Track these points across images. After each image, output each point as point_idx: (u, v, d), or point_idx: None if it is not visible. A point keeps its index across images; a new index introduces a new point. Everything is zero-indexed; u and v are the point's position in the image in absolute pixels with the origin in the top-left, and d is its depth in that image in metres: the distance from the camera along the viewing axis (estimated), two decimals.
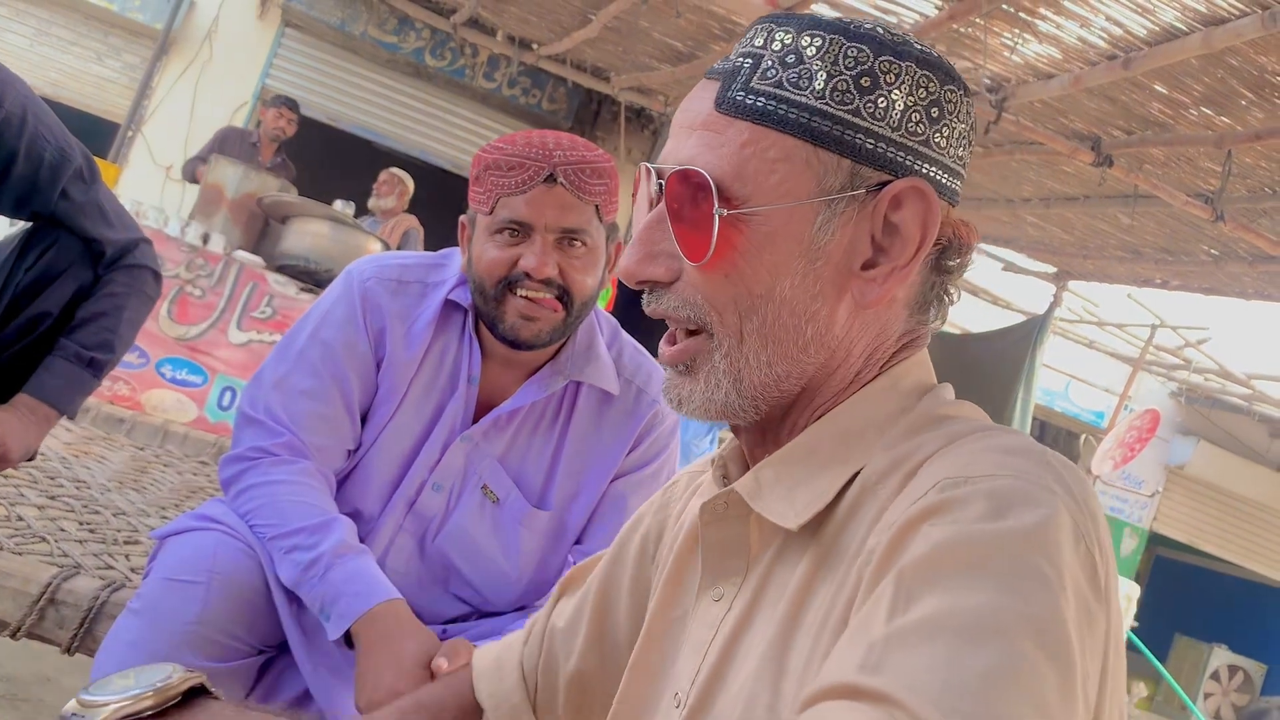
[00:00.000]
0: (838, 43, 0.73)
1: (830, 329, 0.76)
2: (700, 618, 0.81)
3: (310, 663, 1.44)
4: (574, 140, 1.50)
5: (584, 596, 1.03)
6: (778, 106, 0.73)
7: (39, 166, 1.72)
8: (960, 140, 0.77)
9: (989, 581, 0.57)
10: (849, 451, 0.75)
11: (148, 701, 0.62)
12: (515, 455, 1.61)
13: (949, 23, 3.97)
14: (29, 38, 7.69)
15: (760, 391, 0.77)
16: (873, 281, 0.75)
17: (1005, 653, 0.54)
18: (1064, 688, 0.55)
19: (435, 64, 7.93)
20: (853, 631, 0.60)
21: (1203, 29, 3.44)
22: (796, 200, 0.73)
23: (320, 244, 4.59)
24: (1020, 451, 0.66)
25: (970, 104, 0.78)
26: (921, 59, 0.74)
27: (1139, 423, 7.32)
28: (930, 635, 0.55)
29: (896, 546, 0.62)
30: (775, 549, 0.77)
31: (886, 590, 0.59)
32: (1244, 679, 11.19)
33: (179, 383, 4.41)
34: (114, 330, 1.80)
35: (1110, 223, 5.83)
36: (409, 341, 1.57)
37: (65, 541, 1.92)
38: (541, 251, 1.46)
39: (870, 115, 0.73)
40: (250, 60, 7.87)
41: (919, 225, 0.74)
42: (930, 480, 0.65)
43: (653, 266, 0.78)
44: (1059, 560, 0.59)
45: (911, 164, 0.74)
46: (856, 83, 0.72)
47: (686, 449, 5.20)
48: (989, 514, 0.60)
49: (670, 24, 5.42)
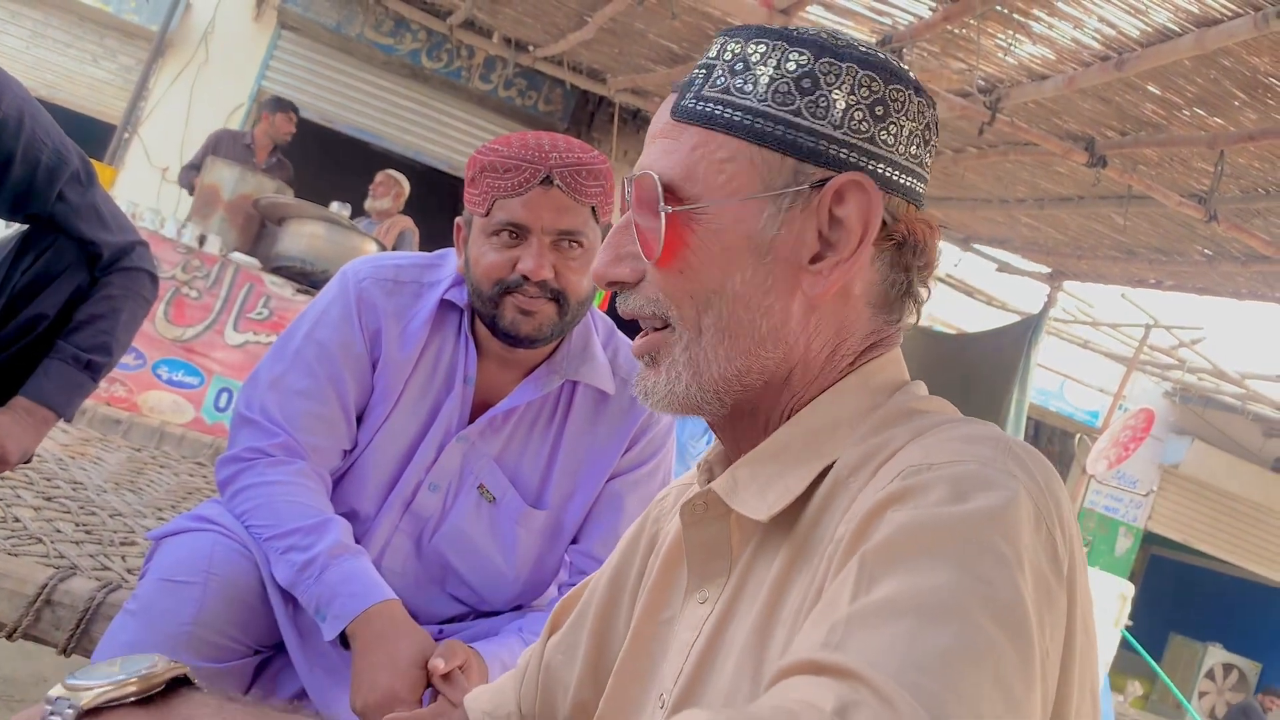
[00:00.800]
0: (780, 48, 0.77)
1: (786, 324, 0.79)
2: (685, 620, 0.83)
3: (306, 663, 1.45)
4: (570, 142, 1.51)
5: (579, 625, 1.03)
6: (724, 111, 0.78)
7: (35, 169, 1.72)
8: (912, 138, 0.80)
9: (949, 562, 0.59)
10: (820, 447, 0.77)
11: (131, 688, 0.64)
12: (511, 455, 1.62)
13: (943, 24, 3.98)
14: (24, 39, 7.68)
15: (721, 385, 0.79)
16: (819, 274, 0.78)
17: (965, 630, 0.55)
18: (1023, 664, 0.56)
19: (431, 65, 7.93)
20: (818, 612, 0.61)
21: (1195, 30, 3.45)
22: (742, 197, 0.77)
23: (316, 245, 4.60)
24: (982, 439, 0.68)
25: (923, 104, 0.80)
26: (863, 60, 0.77)
27: (1133, 422, 7.33)
28: (892, 615, 0.56)
29: (862, 532, 0.64)
30: (754, 546, 0.79)
31: (850, 572, 0.61)
32: (1239, 677, 11.21)
33: (175, 384, 4.41)
34: (111, 333, 1.81)
35: (1104, 223, 5.84)
36: (404, 341, 1.58)
37: (61, 542, 1.92)
38: (538, 254, 1.47)
39: (811, 114, 0.76)
40: (246, 62, 7.87)
41: (859, 217, 0.77)
42: (896, 469, 0.68)
43: (618, 268, 0.83)
44: (1018, 541, 0.61)
45: (856, 160, 0.77)
46: (798, 84, 0.76)
47: (683, 449, 5.20)
48: (949, 498, 0.63)
49: (665, 26, 5.43)
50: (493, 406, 1.59)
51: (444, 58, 7.93)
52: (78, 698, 0.63)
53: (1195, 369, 9.79)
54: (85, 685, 0.64)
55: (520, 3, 6.17)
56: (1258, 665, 11.34)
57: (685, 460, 5.18)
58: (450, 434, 1.59)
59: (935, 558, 0.59)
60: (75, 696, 0.63)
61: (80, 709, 0.62)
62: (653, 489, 1.68)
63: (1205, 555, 11.56)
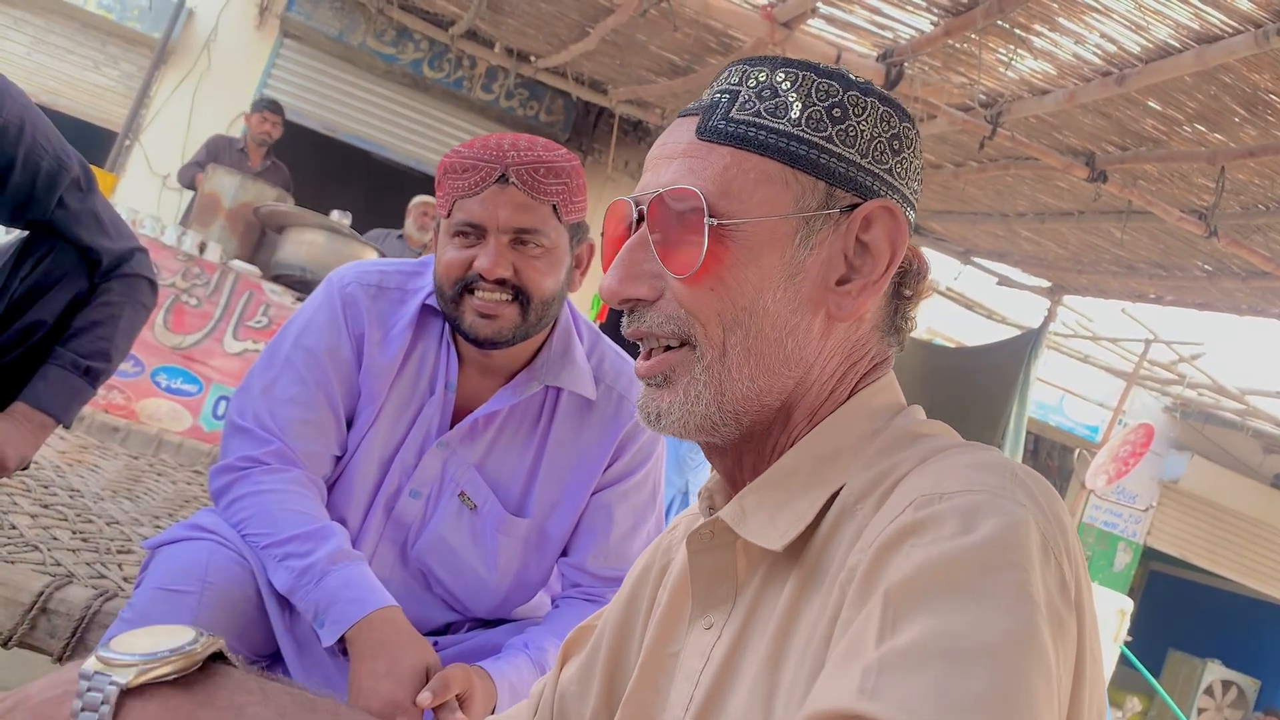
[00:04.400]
0: (809, 78, 0.80)
1: (807, 344, 0.80)
2: (692, 647, 0.82)
3: (303, 672, 1.44)
4: (532, 141, 1.50)
5: (593, 657, 1.02)
6: (757, 132, 0.79)
7: (36, 175, 1.72)
8: (915, 173, 0.84)
9: (970, 601, 0.60)
10: (826, 473, 0.78)
11: (173, 665, 0.60)
12: (493, 462, 1.61)
13: (944, 38, 3.99)
14: (26, 45, 7.69)
15: (742, 406, 0.79)
16: (847, 295, 0.80)
17: (996, 673, 0.56)
18: (1048, 700, 0.57)
19: (433, 75, 7.94)
20: (844, 652, 0.62)
21: (1196, 46, 3.46)
22: (778, 216, 0.78)
23: (316, 254, 4.60)
24: (990, 467, 0.69)
25: (920, 143, 0.85)
26: (882, 97, 0.81)
27: (1133, 437, 7.32)
28: (923, 659, 0.57)
29: (878, 565, 0.65)
30: (762, 574, 0.79)
31: (875, 611, 0.62)
32: (1238, 694, 11.17)
33: (174, 391, 4.40)
34: (110, 339, 1.80)
35: (1104, 238, 5.84)
36: (386, 346, 1.58)
37: (58, 550, 1.92)
38: (495, 252, 1.46)
39: (842, 142, 0.79)
40: (248, 70, 7.88)
41: (888, 242, 0.80)
42: (905, 498, 0.68)
43: (635, 286, 0.81)
44: (1031, 573, 0.61)
45: (878, 189, 0.80)
46: (829, 113, 0.79)
47: (681, 461, 5.19)
48: (962, 530, 0.63)
49: (667, 38, 5.44)
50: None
51: (446, 67, 7.94)
52: (119, 674, 0.58)
53: (1195, 384, 9.78)
54: (122, 661, 0.59)
55: (522, 14, 6.18)
56: (1256, 682, 11.29)
57: (683, 471, 5.16)
58: (430, 439, 1.58)
59: (957, 596, 0.60)
60: (115, 673, 0.58)
61: (124, 686, 0.58)
62: (642, 499, 1.67)
63: (1204, 571, 11.53)
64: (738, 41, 5.09)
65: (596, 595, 1.64)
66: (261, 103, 6.45)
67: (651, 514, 1.69)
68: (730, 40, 5.16)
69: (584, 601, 1.63)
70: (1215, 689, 11.08)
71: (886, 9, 4.13)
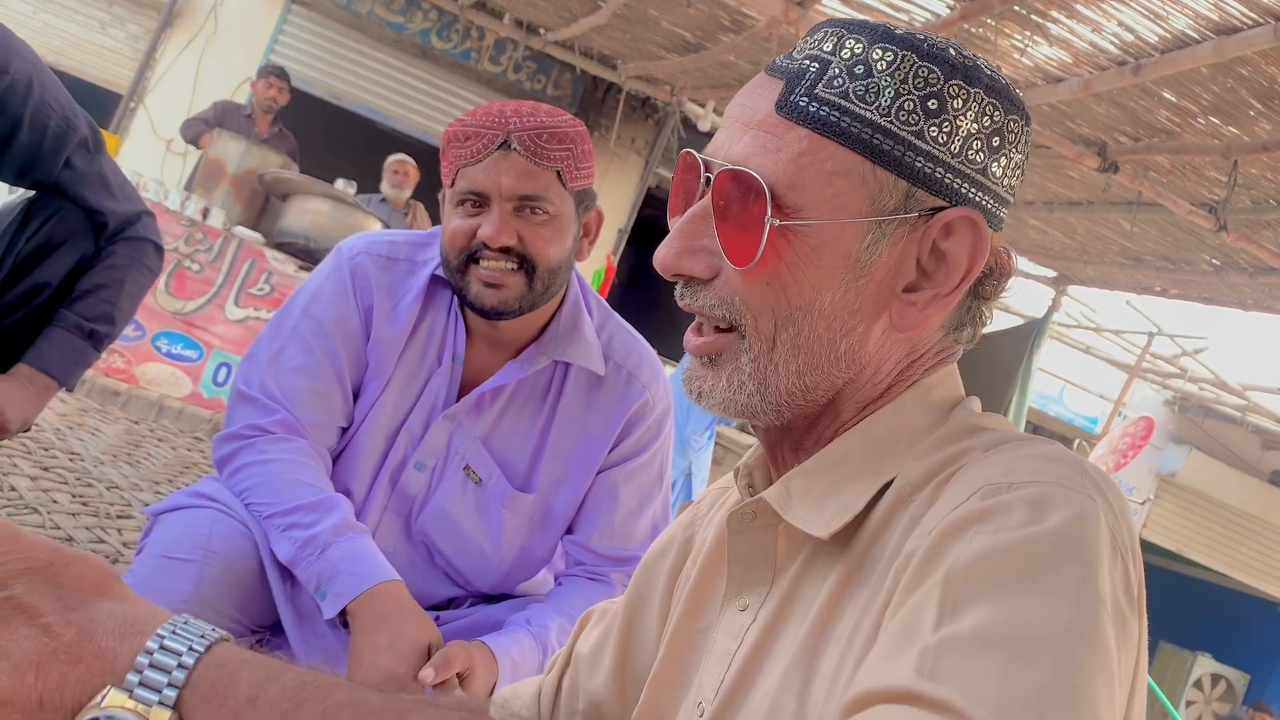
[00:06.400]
0: (909, 60, 0.72)
1: (864, 346, 0.76)
2: (725, 627, 0.81)
3: (303, 644, 1.43)
4: (535, 107, 1.48)
5: (609, 625, 1.02)
6: (841, 118, 0.72)
7: (43, 135, 1.70)
8: (1015, 170, 0.77)
9: (1037, 591, 0.57)
10: (879, 462, 0.75)
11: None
12: (500, 436, 1.60)
13: (960, 22, 3.96)
14: (33, 4, 7.63)
15: (785, 399, 0.76)
16: (913, 305, 0.75)
17: (1059, 665, 0.54)
18: (1110, 699, 0.56)
19: (441, 46, 7.88)
20: (897, 634, 0.60)
21: (1214, 38, 3.43)
22: (849, 217, 0.72)
23: (320, 222, 4.58)
24: (1059, 459, 0.66)
25: (1029, 133, 0.78)
26: (990, 86, 0.74)
27: (1133, 430, 7.33)
28: (985, 646, 0.55)
29: (938, 550, 0.62)
30: (803, 560, 0.77)
31: (933, 594, 0.59)
32: (1226, 688, 11.24)
33: (174, 357, 4.39)
34: (114, 302, 1.79)
35: (1112, 229, 5.82)
36: (395, 317, 1.56)
37: (58, 514, 1.91)
38: (499, 220, 1.44)
39: (933, 139, 0.72)
40: (255, 36, 7.82)
41: (967, 255, 0.74)
42: (970, 486, 0.65)
43: (692, 261, 0.77)
44: (1099, 569, 0.59)
45: (966, 192, 0.74)
46: (924, 104, 0.72)
47: (685, 443, 5.18)
48: (1032, 520, 0.61)
49: (680, 14, 5.40)
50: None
51: (454, 38, 7.88)
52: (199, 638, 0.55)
53: (1197, 378, 9.78)
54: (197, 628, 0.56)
55: None
56: (1246, 676, 11.36)
57: (685, 453, 5.16)
58: (436, 411, 1.57)
59: (1023, 585, 0.58)
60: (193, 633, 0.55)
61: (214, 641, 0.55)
62: (649, 479, 1.66)
63: (1197, 565, 11.57)
64: (751, 20, 5.04)
65: (600, 574, 1.63)
66: (268, 68, 6.40)
67: (658, 494, 1.68)
68: (743, 18, 5.11)
69: (587, 580, 1.62)
70: (1204, 682, 11.14)
71: None
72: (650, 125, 8.49)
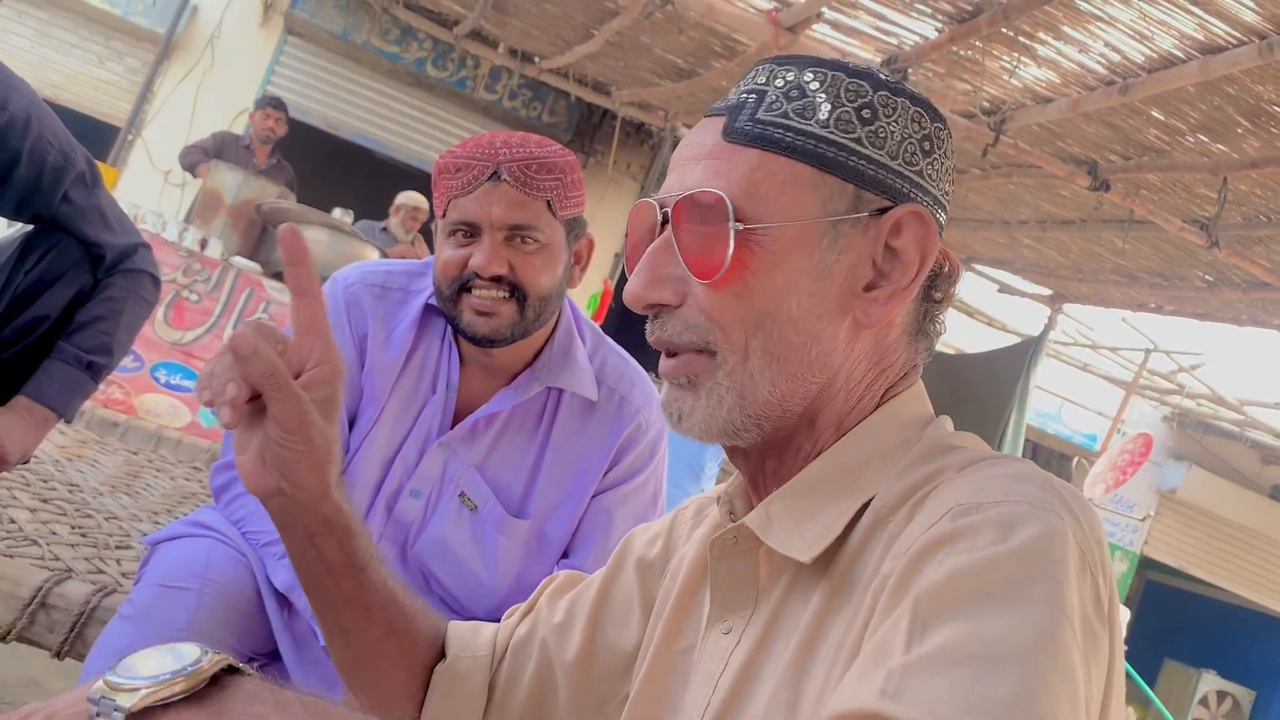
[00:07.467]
0: (839, 79, 0.78)
1: (833, 350, 0.78)
2: (709, 651, 0.82)
3: (301, 670, 1.44)
4: (525, 138, 1.50)
5: (577, 602, 1.02)
6: (784, 134, 0.77)
7: (42, 170, 1.72)
8: (946, 174, 0.82)
9: (1002, 608, 0.59)
10: (855, 483, 0.77)
11: (178, 687, 0.60)
12: (494, 463, 1.60)
13: (948, 45, 4.00)
14: (30, 39, 7.69)
15: (764, 410, 0.78)
16: (875, 302, 0.78)
17: (1021, 680, 0.55)
18: (1073, 709, 0.57)
19: (437, 74, 7.95)
20: (869, 656, 0.61)
21: (1200, 57, 3.47)
22: (805, 219, 0.76)
23: (318, 251, 4.60)
24: (1029, 479, 0.68)
25: (952, 143, 0.83)
26: (913, 97, 0.80)
27: (1131, 446, 7.34)
28: (949, 663, 0.57)
29: (911, 572, 0.64)
30: (785, 582, 0.78)
31: (903, 617, 0.61)
32: (1232, 705, 11.17)
33: (173, 387, 4.40)
34: (112, 334, 1.80)
35: (1106, 247, 5.85)
36: (389, 346, 1.58)
37: (57, 545, 1.91)
38: (490, 249, 1.46)
39: (871, 144, 0.77)
40: (252, 67, 7.88)
41: (918, 249, 0.79)
42: (942, 507, 0.67)
43: (659, 290, 0.80)
44: (1066, 585, 0.61)
45: (908, 191, 0.78)
46: (859, 114, 0.77)
47: (700, 471, 5.14)
48: (999, 540, 0.62)
49: (672, 40, 5.45)
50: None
51: (449, 67, 7.95)
52: (124, 699, 0.59)
53: (1194, 394, 9.79)
54: (129, 685, 0.60)
55: (527, 14, 6.19)
56: (1252, 693, 11.29)
57: (700, 480, 5.13)
58: (431, 439, 1.58)
59: (989, 603, 0.59)
60: (121, 698, 0.59)
61: (128, 711, 0.59)
62: (643, 503, 1.67)
63: (1201, 581, 11.54)
64: (742, 46, 5.09)
65: None
66: (265, 100, 6.46)
67: (652, 518, 1.69)
68: (735, 44, 5.17)
69: None
70: (1210, 699, 11.08)
71: (891, 14, 4.14)
72: (645, 150, 8.55)
